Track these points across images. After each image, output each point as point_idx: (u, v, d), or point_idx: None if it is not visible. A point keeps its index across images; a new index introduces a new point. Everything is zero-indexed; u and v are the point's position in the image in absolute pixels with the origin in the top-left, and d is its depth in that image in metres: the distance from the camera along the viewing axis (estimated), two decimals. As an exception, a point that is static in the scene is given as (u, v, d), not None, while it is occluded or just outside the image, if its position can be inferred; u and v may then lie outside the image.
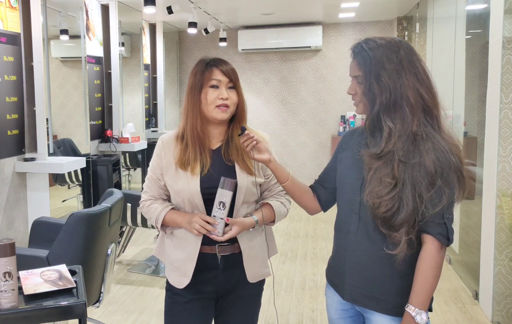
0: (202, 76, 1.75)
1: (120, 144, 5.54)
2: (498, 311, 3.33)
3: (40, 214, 3.92)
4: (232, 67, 1.81)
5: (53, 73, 4.78)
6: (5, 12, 3.81)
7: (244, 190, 1.76)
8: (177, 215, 1.78)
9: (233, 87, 1.78)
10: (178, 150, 1.79)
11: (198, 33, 7.19)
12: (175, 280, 1.84)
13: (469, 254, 4.15)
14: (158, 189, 1.84)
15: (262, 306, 2.00)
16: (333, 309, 1.71)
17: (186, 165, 1.75)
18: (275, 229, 2.04)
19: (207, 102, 1.74)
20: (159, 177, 1.82)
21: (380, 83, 1.45)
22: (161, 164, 1.81)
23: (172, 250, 1.85)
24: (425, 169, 1.41)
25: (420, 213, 1.42)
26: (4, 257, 1.57)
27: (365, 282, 1.55)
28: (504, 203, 3.22)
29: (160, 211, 1.80)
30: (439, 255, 1.45)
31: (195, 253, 1.78)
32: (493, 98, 3.36)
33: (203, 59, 1.81)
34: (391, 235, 1.45)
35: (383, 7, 6.34)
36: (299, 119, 7.93)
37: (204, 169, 1.75)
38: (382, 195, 1.43)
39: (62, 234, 2.65)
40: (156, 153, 1.84)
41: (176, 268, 1.83)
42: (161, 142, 1.84)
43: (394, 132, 1.44)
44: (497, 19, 3.31)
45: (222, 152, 1.80)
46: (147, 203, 1.86)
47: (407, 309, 1.46)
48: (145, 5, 4.82)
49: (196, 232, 1.71)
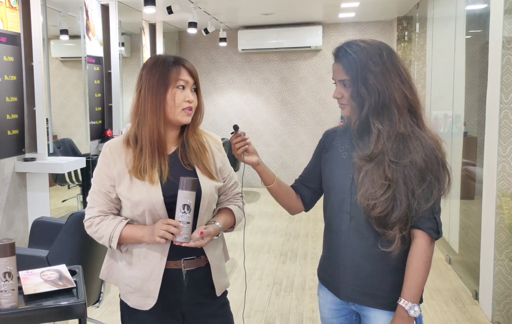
0: (168, 75, 1.59)
1: (120, 144, 5.53)
2: (498, 311, 3.33)
3: (40, 214, 3.92)
4: (195, 68, 1.67)
5: (53, 73, 4.78)
6: (5, 12, 3.81)
7: (208, 196, 1.64)
8: (136, 229, 1.59)
9: (195, 89, 1.66)
10: (131, 157, 1.61)
11: (198, 33, 7.19)
12: (137, 302, 1.65)
13: (469, 254, 4.15)
14: (108, 203, 1.63)
15: (262, 306, 1.99)
16: (326, 309, 1.72)
17: (143, 173, 1.58)
18: (275, 228, 2.03)
19: (174, 104, 1.59)
20: (109, 189, 1.62)
21: (368, 86, 1.47)
22: (111, 175, 1.61)
23: (127, 270, 1.66)
24: (416, 166, 1.45)
25: (413, 209, 1.46)
26: (4, 257, 1.57)
27: (360, 280, 1.57)
28: (504, 203, 3.22)
29: (115, 227, 1.59)
30: (430, 249, 1.50)
31: (160, 269, 1.61)
32: (493, 98, 3.36)
33: (163, 57, 1.64)
34: (385, 233, 1.48)
35: (383, 7, 6.34)
36: (299, 119, 7.93)
37: (163, 176, 1.60)
38: (377, 197, 1.46)
39: (62, 234, 2.65)
40: (103, 163, 1.63)
41: (135, 289, 1.65)
42: (108, 150, 1.64)
43: (383, 134, 1.47)
44: (497, 19, 3.31)
45: (180, 157, 1.66)
46: (95, 220, 1.63)
47: (400, 303, 1.48)
48: (145, 5, 4.81)
49: (159, 239, 1.52)
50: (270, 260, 4.70)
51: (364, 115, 1.49)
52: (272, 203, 6.90)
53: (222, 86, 8.11)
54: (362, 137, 1.53)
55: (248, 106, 8.09)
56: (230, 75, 8.11)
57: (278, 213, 6.19)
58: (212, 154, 1.74)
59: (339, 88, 1.56)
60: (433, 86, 5.44)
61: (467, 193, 4.46)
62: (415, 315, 1.47)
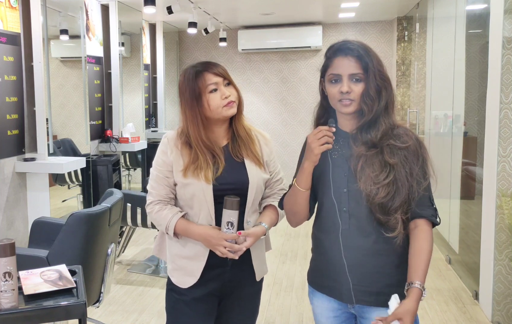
0: (196, 85, 1.72)
1: (120, 145, 5.53)
2: (498, 311, 3.33)
3: (40, 214, 3.92)
4: (221, 65, 1.80)
5: (53, 73, 4.78)
6: (5, 12, 3.81)
7: (255, 186, 1.76)
8: (190, 227, 1.75)
9: (228, 83, 1.78)
10: (187, 156, 1.75)
11: (198, 33, 7.19)
12: (179, 279, 1.80)
13: (469, 254, 4.15)
14: (166, 188, 1.78)
15: (262, 306, 2.01)
16: (324, 317, 1.68)
17: (199, 170, 1.72)
18: (275, 228, 2.04)
19: (212, 108, 1.72)
20: (167, 175, 1.77)
21: (385, 82, 1.53)
22: (168, 161, 1.76)
23: (177, 249, 1.81)
24: (410, 148, 1.52)
25: (414, 190, 1.50)
26: (4, 257, 1.57)
27: (365, 279, 1.55)
28: (504, 203, 3.22)
29: (171, 218, 1.75)
30: (432, 234, 1.53)
31: (205, 251, 1.76)
32: (493, 98, 3.36)
33: (189, 69, 1.77)
34: (388, 220, 1.50)
35: (383, 7, 6.34)
36: (299, 119, 7.93)
37: (218, 171, 1.74)
38: (380, 180, 1.48)
39: (62, 234, 2.65)
40: (162, 151, 1.80)
41: (179, 267, 1.80)
42: (166, 140, 1.80)
43: (387, 126, 1.53)
44: (497, 19, 3.31)
45: (230, 150, 1.80)
46: (155, 208, 1.79)
47: (416, 286, 1.45)
48: (145, 5, 4.81)
49: (220, 254, 1.70)
50: (270, 260, 4.70)
51: (377, 110, 1.52)
52: (272, 203, 6.92)
53: (222, 86, 8.10)
54: (367, 131, 1.54)
55: (248, 106, 8.06)
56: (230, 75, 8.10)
57: (278, 213, 6.20)
58: (260, 146, 1.85)
59: (347, 82, 1.52)
60: (433, 86, 5.44)
61: (467, 193, 4.46)
62: (425, 295, 1.47)
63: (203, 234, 1.72)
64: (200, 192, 1.71)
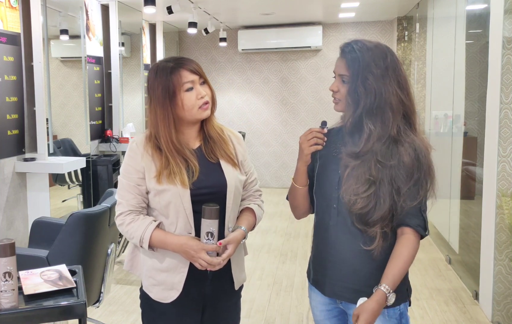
0: (171, 82, 1.58)
1: (120, 144, 5.54)
2: (498, 311, 3.33)
3: (40, 214, 3.92)
4: (196, 62, 1.66)
5: (53, 73, 4.78)
6: (5, 12, 3.81)
7: (233, 188, 1.66)
8: (168, 238, 1.61)
9: (204, 82, 1.65)
10: (159, 161, 1.62)
11: (198, 33, 7.19)
12: (160, 294, 1.67)
13: (469, 254, 4.15)
14: (137, 196, 1.64)
15: (262, 306, 2.00)
16: (318, 310, 1.72)
17: (173, 177, 1.59)
18: (275, 228, 2.03)
19: (187, 108, 1.60)
20: (139, 182, 1.63)
21: (366, 86, 1.50)
22: (139, 168, 1.63)
23: (154, 262, 1.67)
24: (404, 166, 1.49)
25: (398, 207, 1.49)
26: (4, 257, 1.57)
27: (346, 276, 1.58)
28: (504, 203, 3.22)
29: (145, 229, 1.61)
30: (417, 245, 1.53)
31: (185, 262, 1.63)
32: (493, 98, 3.36)
33: (162, 65, 1.63)
34: (366, 231, 1.51)
35: (383, 7, 6.34)
36: (299, 119, 7.93)
37: (194, 175, 1.62)
38: (359, 193, 1.49)
39: (62, 234, 2.65)
40: (130, 157, 1.65)
41: (159, 282, 1.67)
42: (134, 145, 1.67)
43: (374, 135, 1.51)
44: (497, 19, 3.31)
45: (204, 151, 1.68)
46: (126, 219, 1.64)
47: (381, 288, 1.47)
48: (145, 5, 4.81)
49: (200, 267, 1.59)
50: (270, 260, 4.70)
51: (358, 114, 1.52)
52: (273, 203, 6.92)
53: (222, 86, 8.11)
54: (353, 135, 1.56)
55: (248, 106, 8.09)
56: (230, 75, 8.11)
57: (278, 213, 6.20)
58: (234, 146, 1.75)
59: (337, 82, 1.58)
60: (433, 86, 5.45)
61: (467, 193, 4.46)
62: (390, 303, 1.47)
63: (183, 245, 1.58)
64: (177, 198, 1.59)
